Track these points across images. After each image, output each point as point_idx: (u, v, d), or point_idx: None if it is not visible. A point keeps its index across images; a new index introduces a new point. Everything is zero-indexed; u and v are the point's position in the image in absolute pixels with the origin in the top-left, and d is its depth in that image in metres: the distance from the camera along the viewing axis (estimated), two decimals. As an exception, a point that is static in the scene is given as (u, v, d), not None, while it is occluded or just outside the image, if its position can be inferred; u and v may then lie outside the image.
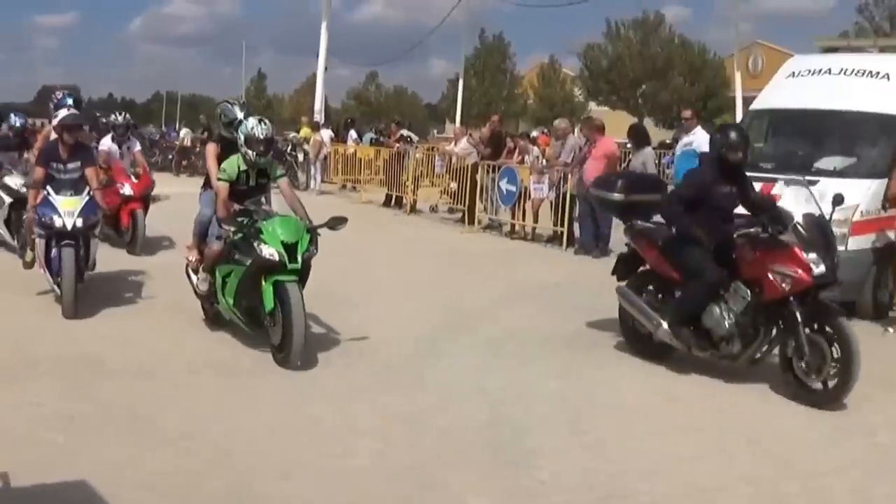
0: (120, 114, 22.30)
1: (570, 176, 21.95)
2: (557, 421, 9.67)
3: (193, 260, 13.48)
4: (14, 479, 7.72)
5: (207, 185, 13.68)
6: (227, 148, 13.11)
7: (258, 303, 11.77)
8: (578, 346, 12.95)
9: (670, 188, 13.86)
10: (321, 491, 7.91)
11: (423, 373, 11.13)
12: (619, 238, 20.91)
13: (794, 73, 17.94)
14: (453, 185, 28.75)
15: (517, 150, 26.47)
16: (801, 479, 8.39)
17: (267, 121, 12.69)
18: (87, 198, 14.32)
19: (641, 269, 12.83)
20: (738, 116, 40.99)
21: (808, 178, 14.33)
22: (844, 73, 17.06)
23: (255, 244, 11.62)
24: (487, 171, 25.81)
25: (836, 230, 12.38)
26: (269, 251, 11.48)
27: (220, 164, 12.71)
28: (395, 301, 15.45)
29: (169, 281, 15.30)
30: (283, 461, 8.38)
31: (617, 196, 13.21)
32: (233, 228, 12.05)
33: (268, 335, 11.79)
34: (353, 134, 41.33)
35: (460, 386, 10.74)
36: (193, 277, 13.46)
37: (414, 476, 8.24)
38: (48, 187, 14.32)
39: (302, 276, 11.84)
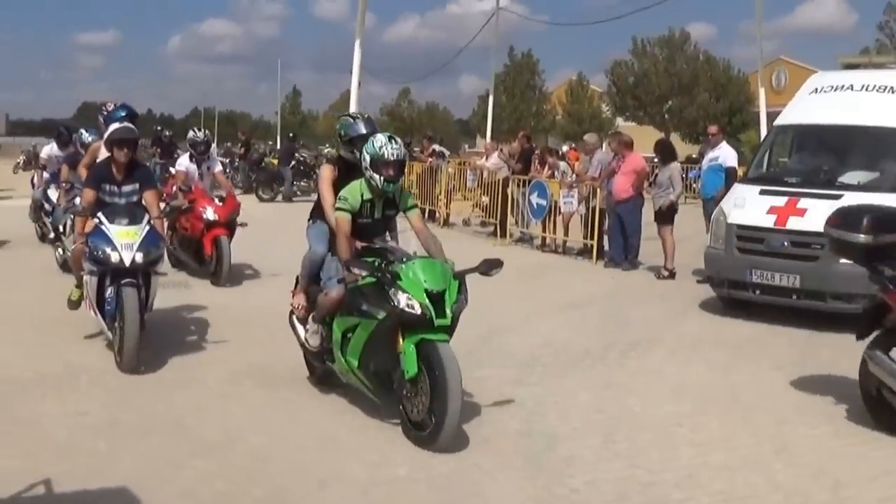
0: (199, 130, 20.17)
1: (598, 190, 21.87)
2: (591, 431, 9.60)
3: (300, 308, 10.91)
4: (57, 485, 7.76)
5: (317, 215, 11.13)
6: (347, 171, 10.82)
7: (393, 366, 9.34)
8: (611, 358, 12.89)
9: None
10: (361, 500, 7.88)
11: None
12: (647, 251, 20.96)
13: (816, 89, 17.83)
14: (485, 199, 28.80)
15: (547, 165, 26.44)
16: (832, 489, 8.29)
17: (398, 139, 10.21)
18: (147, 227, 12.07)
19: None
20: (763, 132, 40.87)
21: (832, 192, 14.25)
22: (866, 89, 16.93)
23: (391, 292, 9.14)
24: (518, 186, 25.74)
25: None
26: (409, 302, 9.07)
27: (337, 190, 10.36)
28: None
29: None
30: (322, 470, 8.34)
31: (863, 238, 10.12)
32: (364, 272, 9.45)
33: (402, 406, 9.34)
34: None
35: (496, 396, 10.66)
36: (300, 329, 11.00)
37: (452, 484, 8.22)
38: (100, 214, 12.03)
39: (450, 332, 9.40)
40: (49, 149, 23.47)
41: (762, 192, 15.74)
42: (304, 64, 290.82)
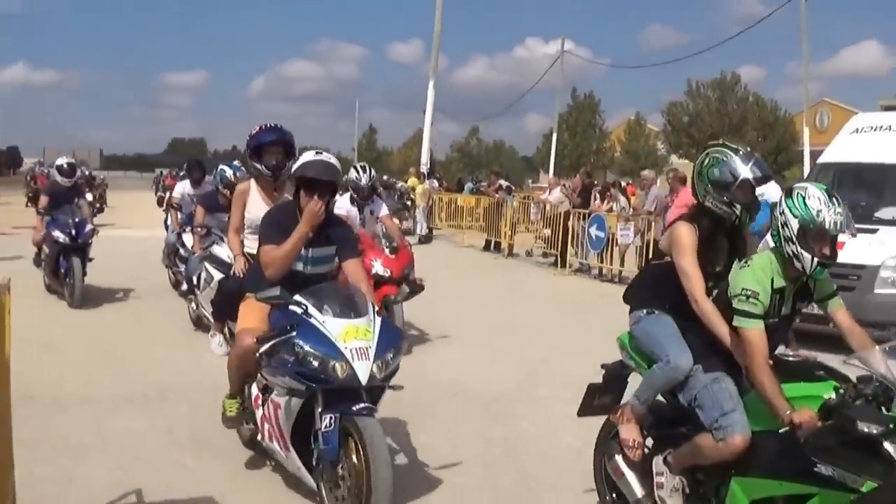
0: (363, 169, 14.81)
1: (653, 223, 21.83)
2: (644, 449, 9.54)
3: (636, 446, 7.20)
4: (147, 497, 7.84)
5: (652, 302, 7.15)
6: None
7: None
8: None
9: None
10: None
11: (521, 404, 11.02)
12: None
13: (857, 129, 17.81)
14: (546, 232, 28.81)
15: (606, 199, 26.47)
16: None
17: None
18: (379, 320, 7.61)
19: None
20: (807, 169, 40.66)
21: (869, 226, 14.20)
22: (904, 130, 16.90)
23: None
24: (578, 219, 25.67)
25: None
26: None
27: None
28: (494, 337, 15.38)
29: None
30: (396, 480, 8.32)
31: None
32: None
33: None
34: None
35: (555, 415, 10.64)
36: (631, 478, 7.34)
37: (515, 494, 8.26)
38: (304, 298, 7.60)
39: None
40: (182, 187, 19.83)
41: None
42: (380, 103, 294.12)
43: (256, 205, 9.93)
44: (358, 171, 14.73)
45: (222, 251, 13.56)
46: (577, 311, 18.39)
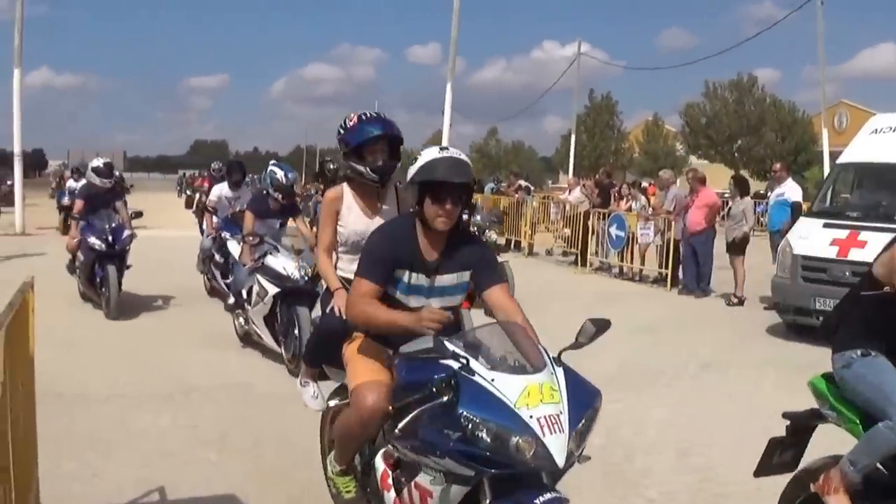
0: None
1: (673, 222, 21.78)
2: (666, 445, 9.49)
3: None
4: (171, 493, 7.81)
5: None
6: None
7: None
8: (684, 378, 12.84)
9: None
10: None
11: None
12: (717, 279, 20.77)
13: (876, 130, 17.73)
14: (566, 231, 28.79)
15: (625, 199, 26.45)
16: None
17: None
18: (563, 375, 5.44)
19: None
20: (826, 169, 40.57)
21: (890, 225, 14.11)
22: (920, 130, 16.93)
23: None
24: (599, 218, 25.64)
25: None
26: None
27: None
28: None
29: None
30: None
31: None
32: None
33: None
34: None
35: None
36: None
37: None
38: (479, 367, 5.14)
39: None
40: (219, 189, 18.44)
41: (825, 226, 15.70)
42: (399, 105, 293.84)
43: (354, 217, 7.79)
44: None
45: (277, 262, 12.94)
46: (598, 309, 18.28)
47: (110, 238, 16.67)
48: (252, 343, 13.90)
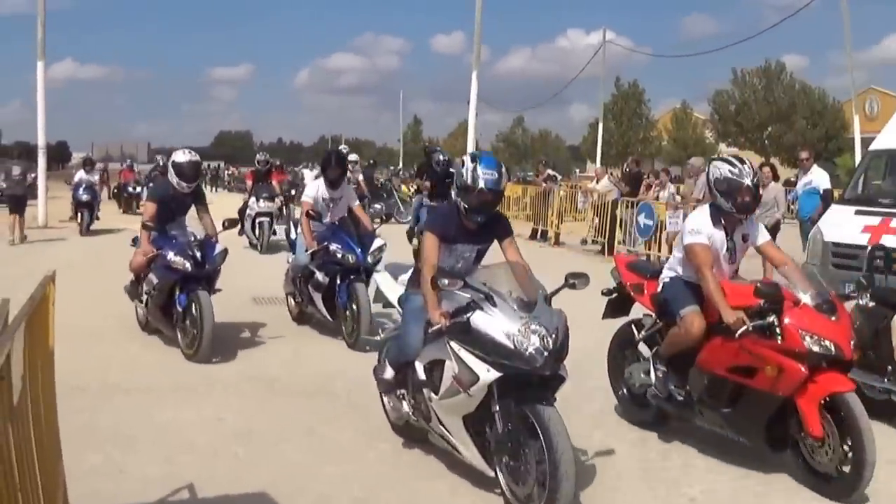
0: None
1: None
2: (707, 443, 9.28)
3: None
4: (199, 490, 7.77)
5: None
6: None
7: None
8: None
9: None
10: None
11: (573, 394, 10.86)
12: (745, 267, 20.68)
13: (908, 116, 17.62)
14: (595, 220, 28.75)
15: (653, 187, 26.38)
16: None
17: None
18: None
19: None
20: (857, 156, 40.39)
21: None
22: (954, 115, 16.82)
23: None
24: (627, 207, 25.50)
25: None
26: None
27: None
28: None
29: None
30: (452, 476, 8.23)
31: None
32: None
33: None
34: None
35: (609, 407, 10.53)
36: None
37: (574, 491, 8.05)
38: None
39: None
40: (315, 188, 14.82)
41: (857, 213, 15.55)
42: (424, 94, 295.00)
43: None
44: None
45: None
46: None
47: (198, 255, 13.00)
48: (273, 335, 14.07)
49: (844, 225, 15.47)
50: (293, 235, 15.80)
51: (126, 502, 7.46)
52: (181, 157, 13.64)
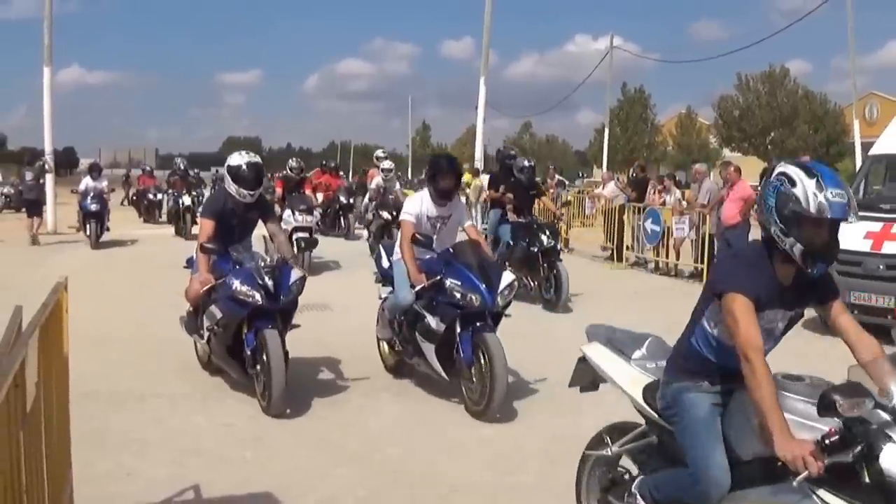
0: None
1: (708, 216, 21.67)
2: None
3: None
4: (205, 491, 7.81)
5: None
6: None
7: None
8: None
9: None
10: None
11: (585, 398, 10.85)
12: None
13: (906, 121, 17.66)
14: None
15: (660, 192, 26.36)
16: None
17: None
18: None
19: None
20: (858, 161, 40.39)
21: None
22: (953, 121, 16.91)
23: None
24: (634, 213, 25.49)
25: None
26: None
27: None
28: (551, 332, 15.19)
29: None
30: (453, 478, 8.25)
31: None
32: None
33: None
34: None
35: (618, 409, 10.52)
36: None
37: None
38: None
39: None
40: (418, 204, 11.41)
41: (859, 218, 15.57)
42: (433, 100, 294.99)
43: None
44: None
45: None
46: (634, 303, 18.20)
47: (270, 283, 10.45)
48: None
49: (846, 231, 15.45)
50: (385, 263, 11.92)
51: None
52: (237, 158, 11.36)
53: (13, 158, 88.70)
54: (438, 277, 10.64)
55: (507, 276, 10.93)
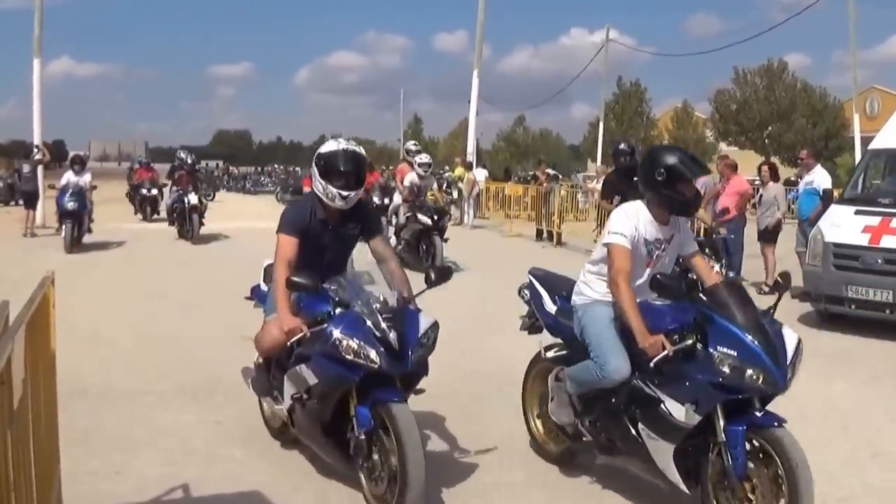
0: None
1: (703, 211, 21.66)
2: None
3: None
4: (195, 489, 7.79)
5: None
6: None
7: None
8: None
9: None
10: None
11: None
12: (748, 268, 20.67)
13: (908, 115, 17.69)
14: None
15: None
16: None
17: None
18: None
19: None
20: (857, 156, 40.41)
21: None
22: (954, 115, 16.91)
23: None
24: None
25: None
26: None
27: None
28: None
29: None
30: (452, 481, 8.23)
31: None
32: None
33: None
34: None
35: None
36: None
37: (564, 489, 8.07)
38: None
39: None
40: (633, 215, 7.70)
41: (857, 213, 15.60)
42: (425, 93, 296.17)
43: None
44: None
45: None
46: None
47: (391, 336, 7.17)
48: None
49: (844, 225, 15.51)
50: (552, 307, 8.76)
51: (121, 502, 7.48)
52: (332, 145, 8.33)
53: (2, 151, 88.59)
54: (690, 342, 6.89)
55: (791, 338, 7.50)
